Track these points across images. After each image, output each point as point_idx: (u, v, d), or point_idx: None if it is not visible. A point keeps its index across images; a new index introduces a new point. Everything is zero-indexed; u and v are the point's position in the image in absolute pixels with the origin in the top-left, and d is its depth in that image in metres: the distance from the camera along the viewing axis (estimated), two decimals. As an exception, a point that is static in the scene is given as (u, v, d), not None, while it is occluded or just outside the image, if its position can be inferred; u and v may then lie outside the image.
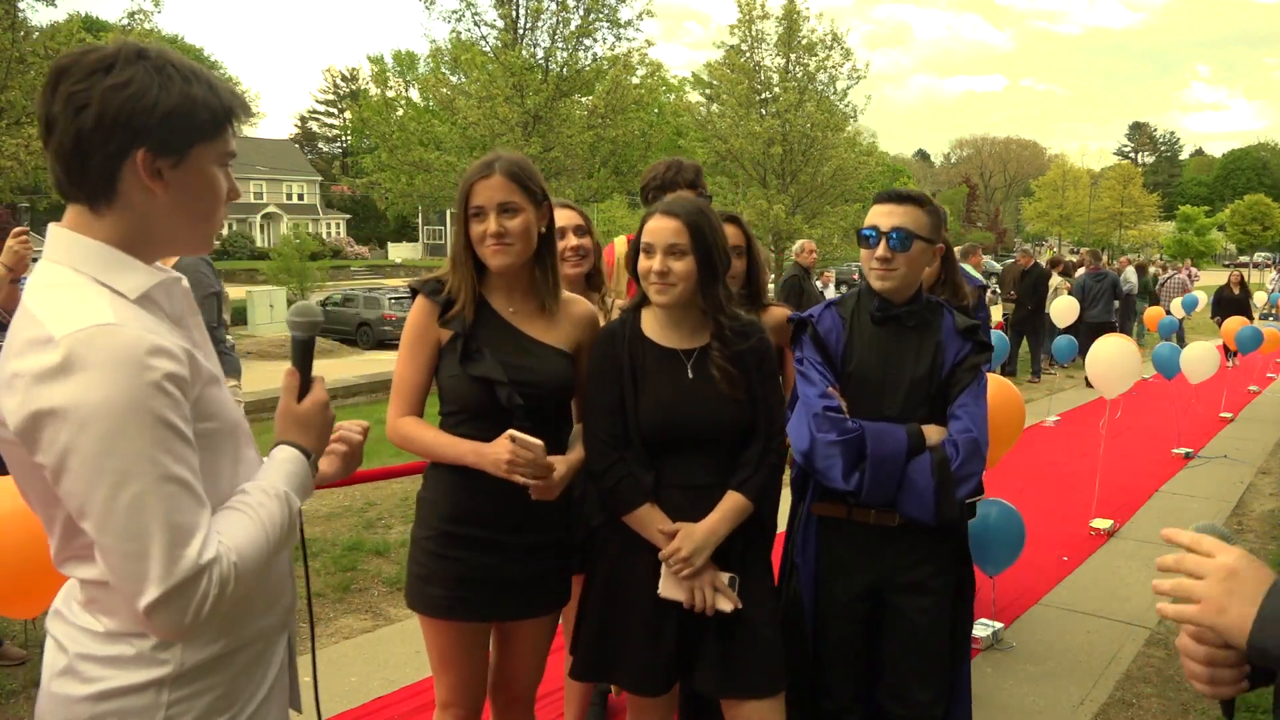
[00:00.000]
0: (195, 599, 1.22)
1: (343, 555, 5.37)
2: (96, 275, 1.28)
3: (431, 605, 2.26)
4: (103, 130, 1.25)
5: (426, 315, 2.26)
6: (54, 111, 1.26)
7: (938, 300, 2.58)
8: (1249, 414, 10.42)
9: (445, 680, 2.32)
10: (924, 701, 2.44)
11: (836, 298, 2.64)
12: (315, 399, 1.53)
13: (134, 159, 1.28)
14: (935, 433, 2.40)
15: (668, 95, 34.74)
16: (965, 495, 2.39)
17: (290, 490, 1.41)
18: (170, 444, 1.22)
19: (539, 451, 2.10)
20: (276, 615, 1.49)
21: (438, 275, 2.31)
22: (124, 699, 1.30)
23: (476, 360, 2.20)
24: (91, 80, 1.25)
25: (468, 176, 2.23)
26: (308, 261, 31.21)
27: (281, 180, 58.46)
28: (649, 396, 2.25)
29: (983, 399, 2.45)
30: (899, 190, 2.50)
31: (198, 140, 1.32)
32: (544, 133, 19.96)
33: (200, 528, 1.24)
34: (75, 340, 1.18)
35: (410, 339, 2.27)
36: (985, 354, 2.48)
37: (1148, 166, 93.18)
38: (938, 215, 2.52)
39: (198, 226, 1.39)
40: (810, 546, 2.52)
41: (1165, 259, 44.31)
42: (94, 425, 1.17)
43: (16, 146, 13.14)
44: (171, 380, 1.23)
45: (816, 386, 2.43)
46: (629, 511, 2.24)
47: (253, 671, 1.43)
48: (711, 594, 2.20)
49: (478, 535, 2.23)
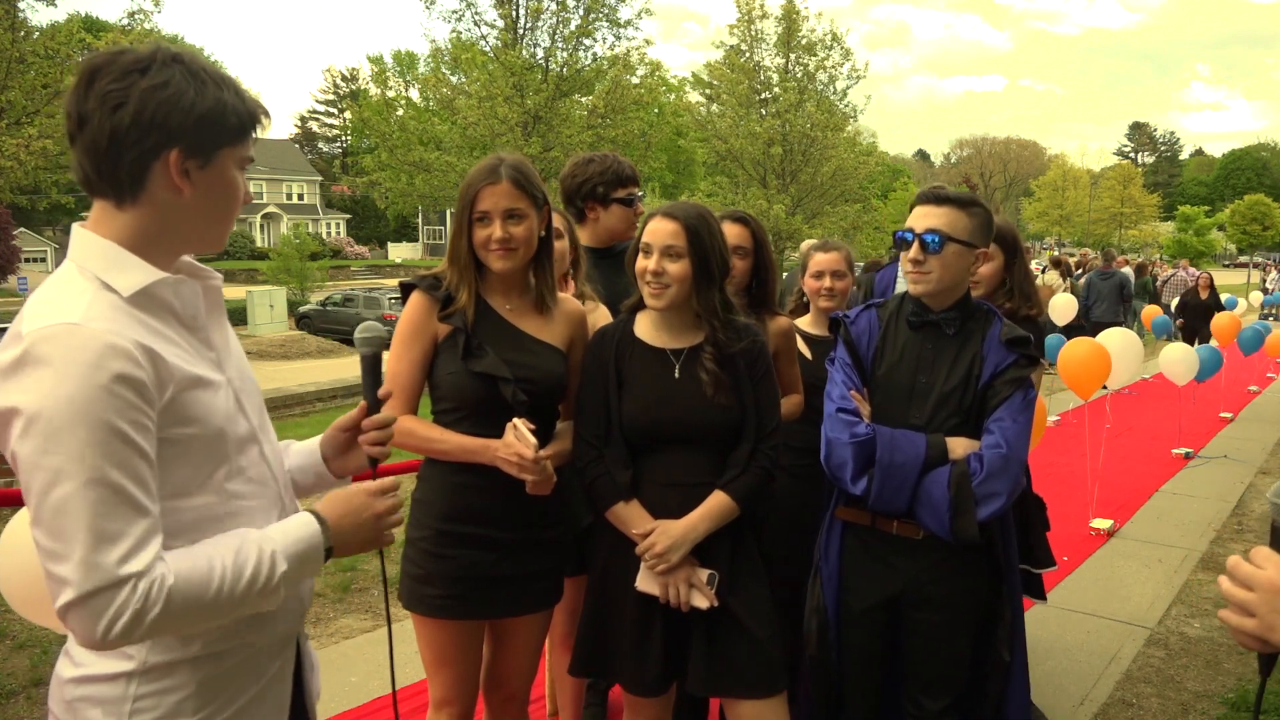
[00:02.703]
0: (111, 609, 1.20)
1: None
2: (98, 272, 1.30)
3: (429, 605, 2.26)
4: (139, 128, 1.28)
5: (424, 310, 2.25)
6: (88, 108, 1.28)
7: (988, 307, 2.44)
8: (1249, 414, 10.41)
9: (440, 679, 2.33)
10: (933, 710, 2.41)
11: (880, 299, 2.56)
12: (365, 491, 1.50)
13: (165, 159, 1.30)
14: (962, 446, 2.28)
15: (667, 95, 34.72)
16: (989, 515, 2.23)
17: (281, 552, 1.36)
18: (110, 447, 1.21)
19: (532, 449, 2.11)
20: (269, 634, 1.47)
21: (435, 272, 2.30)
22: (98, 685, 1.35)
23: (479, 357, 2.20)
24: (128, 80, 1.28)
25: (473, 180, 2.22)
26: (308, 261, 31.25)
27: (281, 180, 58.47)
28: (633, 395, 2.27)
29: (1024, 415, 2.28)
30: (939, 191, 2.39)
31: (225, 144, 1.36)
32: (544, 133, 19.98)
33: (127, 536, 1.21)
34: (36, 337, 1.21)
35: (406, 334, 2.25)
36: (1030, 367, 2.32)
37: (1148, 166, 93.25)
38: (983, 218, 2.36)
39: (215, 227, 1.42)
40: (834, 551, 2.48)
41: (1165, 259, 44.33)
42: (38, 422, 1.19)
43: (16, 146, 13.13)
44: (123, 382, 1.22)
45: (839, 388, 2.39)
46: (607, 508, 2.27)
47: (233, 679, 1.42)
48: (687, 590, 2.21)
49: (474, 533, 2.24)
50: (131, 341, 1.25)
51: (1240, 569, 1.20)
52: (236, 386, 1.45)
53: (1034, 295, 3.02)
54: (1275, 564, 1.19)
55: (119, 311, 1.28)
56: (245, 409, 1.46)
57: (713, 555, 2.25)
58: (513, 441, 2.13)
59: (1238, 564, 1.21)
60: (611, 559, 2.32)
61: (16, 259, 34.25)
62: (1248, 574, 1.19)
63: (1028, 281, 3.03)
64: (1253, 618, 1.17)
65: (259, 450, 1.47)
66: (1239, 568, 1.21)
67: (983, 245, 2.37)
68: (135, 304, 1.30)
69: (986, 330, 2.36)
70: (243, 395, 1.46)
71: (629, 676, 2.31)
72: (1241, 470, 7.72)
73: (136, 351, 1.25)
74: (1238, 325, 11.18)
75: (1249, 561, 1.21)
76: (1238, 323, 11.37)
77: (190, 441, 1.33)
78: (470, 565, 2.24)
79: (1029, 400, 2.31)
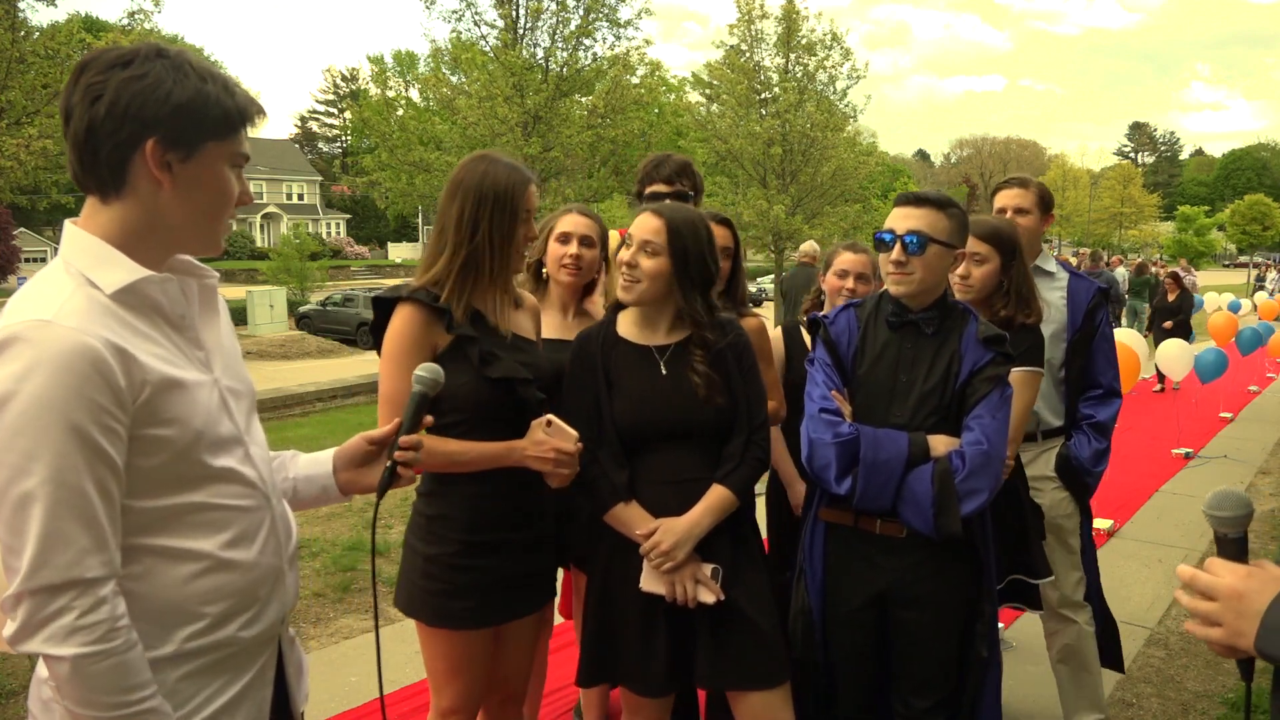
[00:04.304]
0: (47, 610, 1.21)
1: (343, 555, 5.37)
2: (83, 269, 1.30)
3: (459, 619, 2.23)
4: (114, 119, 1.28)
5: (423, 324, 2.16)
6: (72, 102, 1.30)
7: (964, 306, 2.48)
8: (1249, 414, 10.41)
9: (451, 689, 2.28)
10: (921, 709, 2.42)
11: (858, 299, 2.58)
12: None
13: (144, 150, 1.30)
14: (943, 443, 2.31)
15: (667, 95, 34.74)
16: (972, 510, 2.28)
17: None
18: (72, 448, 1.21)
19: (573, 442, 2.14)
20: (248, 633, 1.45)
21: (424, 284, 2.21)
22: None
23: (492, 363, 2.17)
24: (110, 73, 1.29)
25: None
26: (308, 261, 31.23)
27: (281, 180, 58.48)
28: (623, 395, 2.27)
29: (1002, 411, 2.33)
30: (918, 193, 2.42)
31: (209, 137, 1.34)
32: (544, 133, 19.96)
33: (75, 543, 1.22)
34: (10, 333, 1.21)
35: (403, 349, 2.15)
36: (1007, 365, 2.37)
37: (1148, 166, 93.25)
38: (960, 219, 2.41)
39: (204, 224, 1.40)
40: (818, 552, 2.49)
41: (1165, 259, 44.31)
42: (3, 418, 1.20)
43: (16, 146, 13.13)
44: (91, 383, 1.22)
45: (819, 388, 2.41)
46: (605, 511, 2.26)
47: (210, 679, 1.40)
48: (693, 586, 2.21)
49: (498, 539, 2.23)
50: (102, 341, 1.24)
51: (1199, 580, 1.21)
52: (224, 386, 1.44)
53: (1032, 301, 2.90)
54: (1231, 571, 1.19)
55: (96, 309, 1.27)
56: (231, 410, 1.44)
57: (714, 549, 2.25)
58: (544, 439, 2.12)
59: (1195, 576, 1.21)
60: (611, 562, 2.32)
61: (16, 259, 34.29)
62: (1207, 583, 1.20)
63: (1026, 285, 2.90)
64: (1218, 627, 1.18)
65: (244, 452, 1.45)
66: (1197, 579, 1.21)
67: (961, 245, 2.42)
68: (118, 301, 1.30)
69: (964, 329, 2.40)
70: (230, 396, 1.45)
71: (636, 679, 2.30)
72: (1241, 470, 7.72)
73: (106, 351, 1.24)
74: (1235, 325, 11.18)
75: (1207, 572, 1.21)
76: (1235, 322, 11.37)
77: (166, 442, 1.32)
78: (494, 571, 2.23)
79: (1006, 397, 2.35)
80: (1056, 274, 3.29)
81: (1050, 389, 3.20)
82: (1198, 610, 1.21)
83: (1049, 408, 3.23)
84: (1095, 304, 3.23)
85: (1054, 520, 3.21)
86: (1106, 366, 3.24)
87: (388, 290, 2.23)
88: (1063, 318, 3.20)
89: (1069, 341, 3.19)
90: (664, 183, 3.12)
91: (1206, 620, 1.19)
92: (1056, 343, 3.17)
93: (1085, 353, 3.20)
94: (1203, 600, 1.20)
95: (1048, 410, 3.22)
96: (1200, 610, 1.20)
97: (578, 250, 2.80)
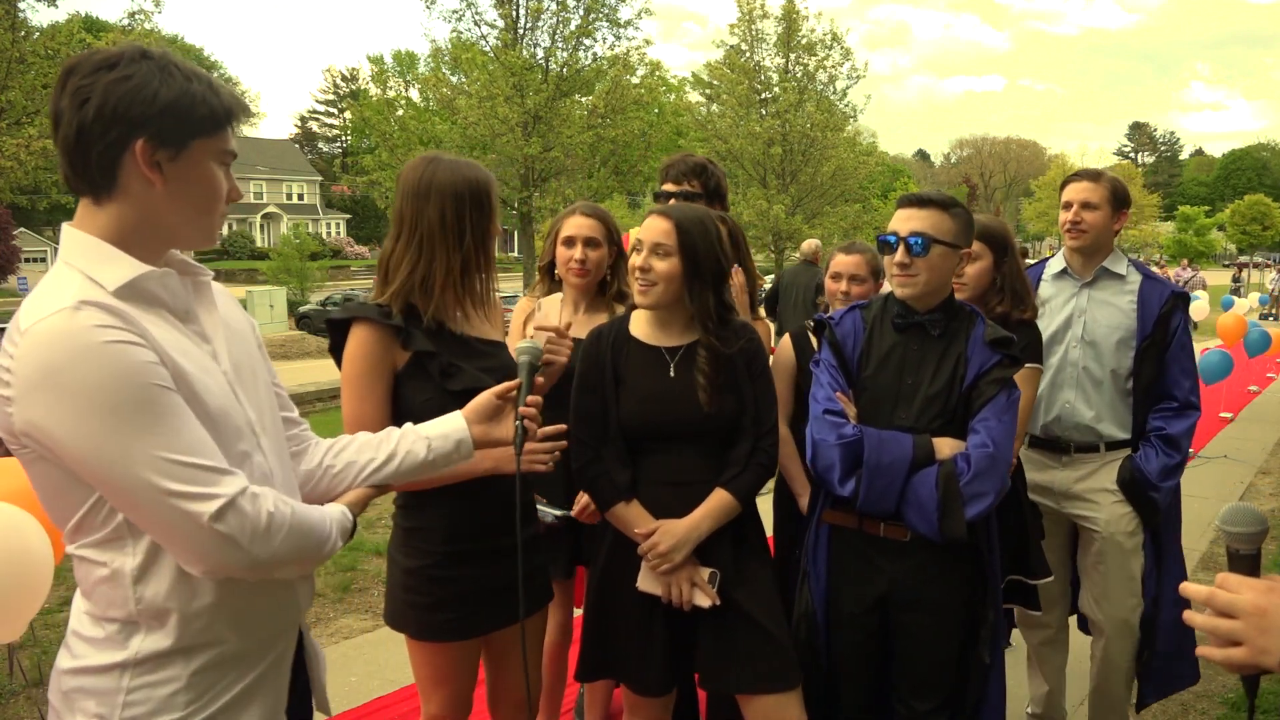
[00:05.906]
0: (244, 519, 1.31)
1: (343, 555, 5.37)
2: (83, 268, 1.32)
3: (442, 630, 2.20)
4: (102, 121, 1.30)
5: (382, 343, 2.12)
6: (61, 106, 1.32)
7: (971, 308, 2.45)
8: (1249, 414, 10.41)
9: (438, 697, 2.27)
10: (922, 711, 2.42)
11: (865, 300, 2.55)
12: None
13: (133, 150, 1.31)
14: (949, 446, 2.29)
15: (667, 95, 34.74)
16: (977, 514, 2.24)
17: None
18: (148, 404, 1.26)
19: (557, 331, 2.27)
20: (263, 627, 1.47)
21: (376, 301, 2.16)
22: (92, 677, 1.37)
23: (455, 375, 2.13)
24: (96, 76, 1.30)
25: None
26: (308, 261, 31.29)
27: (281, 180, 58.48)
28: (630, 394, 2.27)
29: (1008, 415, 2.30)
30: (921, 194, 2.40)
31: (197, 135, 1.36)
32: (544, 132, 19.99)
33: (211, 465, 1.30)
34: (39, 329, 1.23)
35: (363, 370, 2.10)
36: (1013, 367, 2.33)
37: (1148, 166, 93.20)
38: (965, 219, 2.38)
39: (197, 220, 1.42)
40: (821, 555, 2.48)
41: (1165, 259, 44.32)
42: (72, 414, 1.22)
43: (16, 146, 13.16)
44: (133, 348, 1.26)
45: (824, 389, 2.39)
46: (607, 509, 2.27)
47: (227, 671, 1.42)
48: (689, 589, 2.20)
49: (479, 548, 2.20)
50: (126, 319, 1.27)
51: (1218, 598, 1.15)
52: (232, 379, 1.45)
53: (1027, 297, 2.87)
54: (1251, 587, 1.14)
55: (107, 303, 1.29)
56: (242, 401, 1.46)
57: (714, 554, 2.25)
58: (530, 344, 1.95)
59: (1213, 594, 1.16)
60: (611, 559, 2.32)
61: (16, 259, 34.29)
62: (1227, 601, 1.14)
63: (1020, 281, 2.87)
64: (1239, 646, 1.12)
65: (256, 443, 1.47)
66: (1215, 598, 1.15)
67: (966, 245, 2.39)
68: (122, 298, 1.31)
69: (970, 331, 2.38)
70: (239, 387, 1.46)
71: (633, 677, 2.31)
72: (1241, 470, 7.72)
73: (132, 328, 1.27)
74: (1243, 326, 11.15)
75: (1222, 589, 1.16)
76: (1243, 323, 11.35)
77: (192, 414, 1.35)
78: (475, 581, 2.20)
79: (1013, 400, 2.33)
80: (1128, 277, 3.07)
81: (1117, 399, 3.04)
82: (1217, 630, 1.15)
83: (1114, 419, 3.05)
84: (1169, 309, 2.99)
85: (1110, 537, 3.04)
86: (1182, 377, 3.01)
87: (342, 309, 2.18)
88: (1130, 323, 3.00)
89: (1137, 348, 2.99)
90: (672, 183, 3.17)
91: (1226, 640, 1.13)
92: (1124, 349, 3.00)
93: (1157, 361, 2.98)
94: (1223, 619, 1.14)
95: (1113, 422, 3.05)
96: (1221, 630, 1.14)
97: (583, 254, 2.84)
